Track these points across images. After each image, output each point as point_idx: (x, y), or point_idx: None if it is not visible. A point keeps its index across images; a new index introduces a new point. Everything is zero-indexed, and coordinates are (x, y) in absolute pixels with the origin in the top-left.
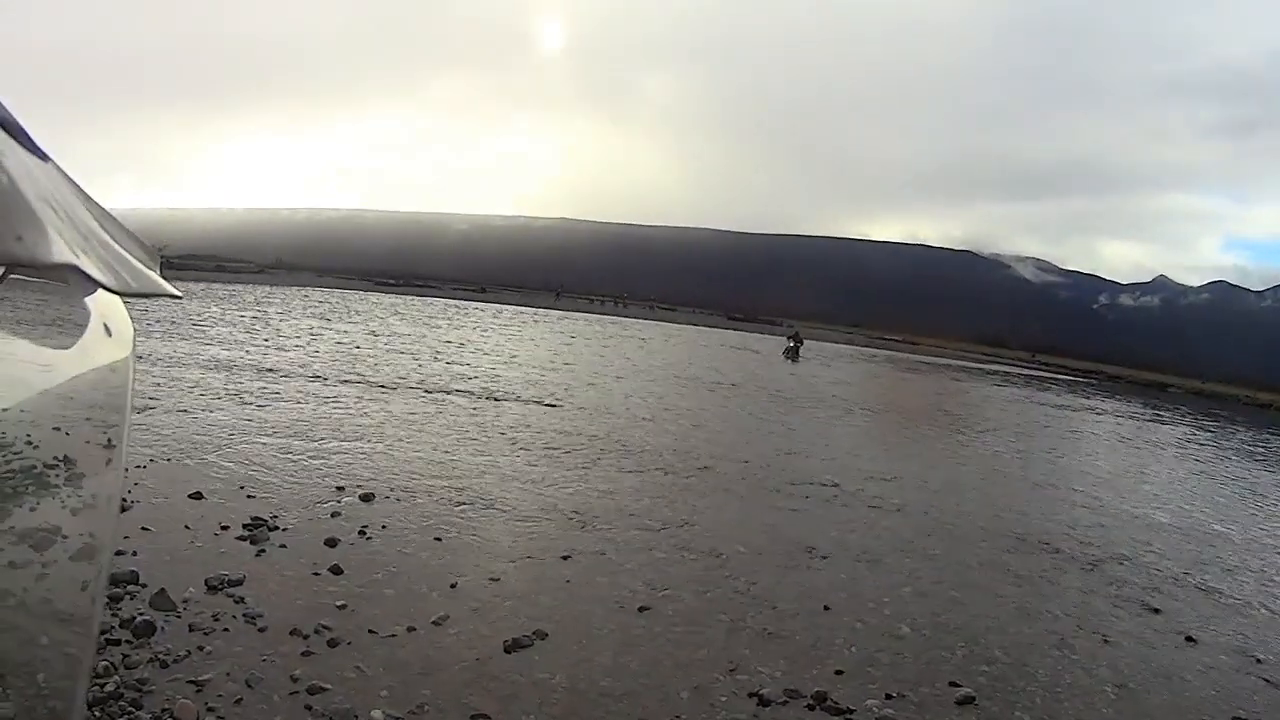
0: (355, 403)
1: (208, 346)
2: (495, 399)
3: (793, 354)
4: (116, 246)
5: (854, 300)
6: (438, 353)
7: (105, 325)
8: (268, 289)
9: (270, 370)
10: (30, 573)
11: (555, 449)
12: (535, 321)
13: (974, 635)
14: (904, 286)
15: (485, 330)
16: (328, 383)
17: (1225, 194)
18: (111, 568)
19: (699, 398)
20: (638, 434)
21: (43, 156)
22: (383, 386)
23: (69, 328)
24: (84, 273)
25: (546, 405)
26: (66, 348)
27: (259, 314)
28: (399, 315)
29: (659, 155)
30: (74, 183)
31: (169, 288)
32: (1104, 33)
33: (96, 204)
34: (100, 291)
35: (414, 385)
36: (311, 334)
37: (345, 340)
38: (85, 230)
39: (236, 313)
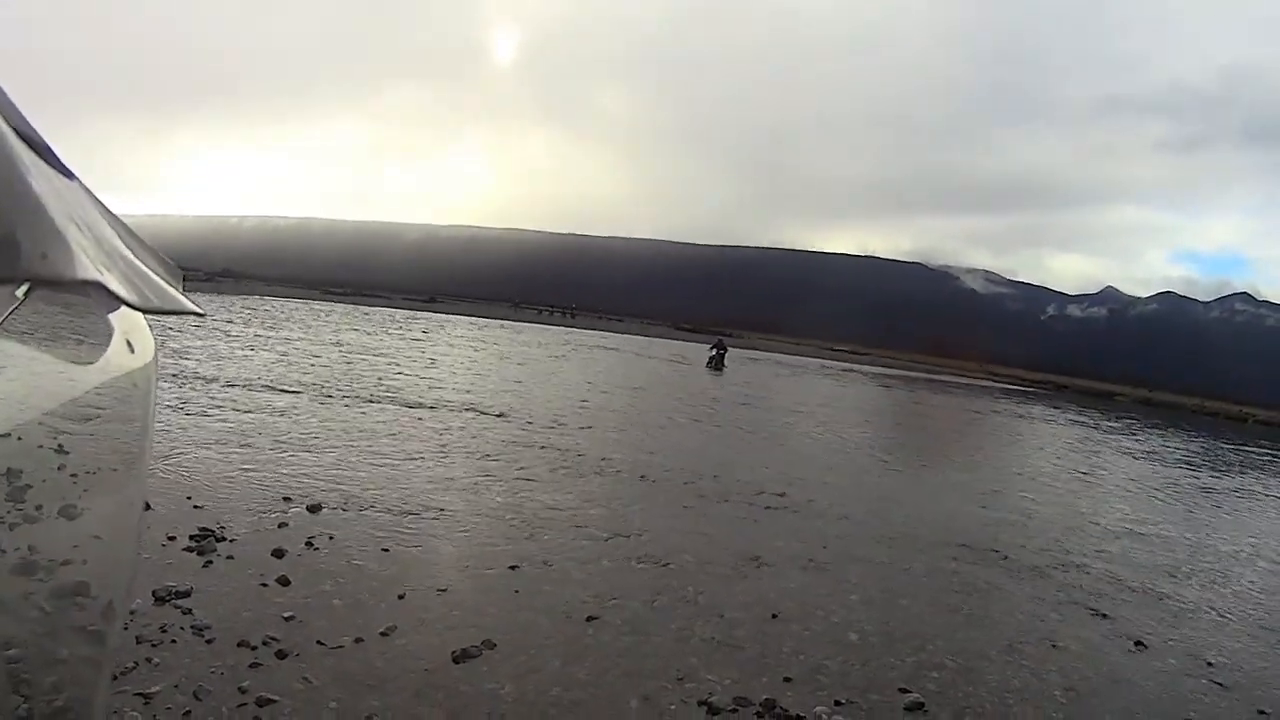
0: (300, 413)
1: (174, 359)
2: (440, 409)
3: (717, 364)
4: (139, 264)
5: (802, 311)
6: (382, 363)
7: (128, 341)
8: (214, 298)
9: (214, 379)
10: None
11: (502, 459)
12: (482, 332)
13: (922, 642)
14: (853, 298)
15: (433, 341)
16: (272, 392)
17: (1174, 207)
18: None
19: (642, 409)
20: (582, 444)
21: (68, 174)
22: (327, 397)
23: (92, 344)
24: (108, 289)
25: (492, 416)
26: (89, 364)
27: (203, 323)
28: (347, 325)
29: (611, 167)
30: (98, 200)
31: (192, 305)
32: (1054, 52)
33: (120, 221)
34: (123, 308)
35: (358, 395)
36: (255, 343)
37: (289, 349)
38: (109, 247)
39: (179, 322)
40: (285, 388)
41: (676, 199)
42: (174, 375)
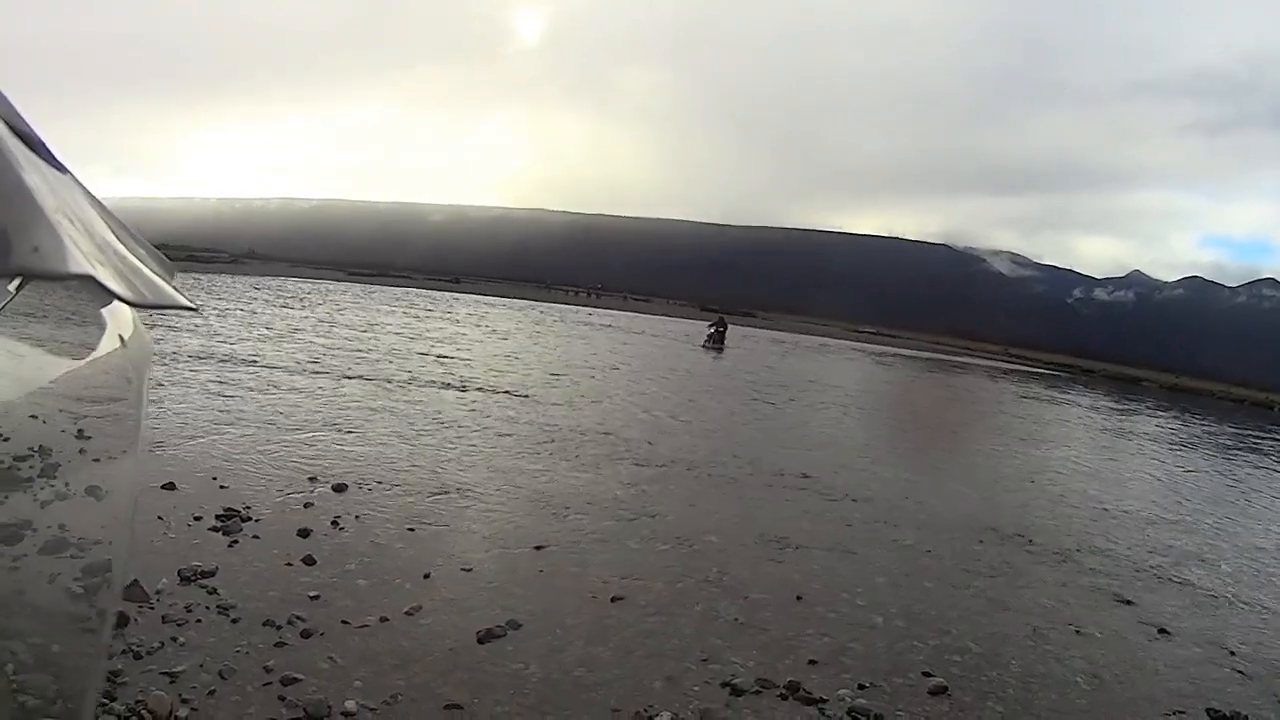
0: (325, 393)
1: (174, 336)
2: (463, 389)
3: (715, 342)
4: (132, 258)
5: (828, 292)
6: (408, 344)
7: (120, 336)
8: (240, 279)
9: (240, 360)
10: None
11: (526, 439)
12: (507, 311)
13: (947, 625)
14: (879, 279)
15: (456, 322)
16: (296, 373)
17: (1201, 191)
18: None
19: (654, 390)
20: (606, 424)
21: (61, 168)
22: (351, 377)
23: (84, 339)
24: (101, 284)
25: (516, 396)
26: (81, 359)
27: (229, 304)
28: (369, 306)
29: (637, 147)
30: (91, 194)
31: (184, 300)
32: (1078, 35)
33: (113, 215)
34: (116, 303)
35: (382, 376)
36: (281, 324)
37: (314, 331)
38: (101, 242)
39: (205, 303)
40: (305, 368)
41: (702, 180)
42: (193, 355)
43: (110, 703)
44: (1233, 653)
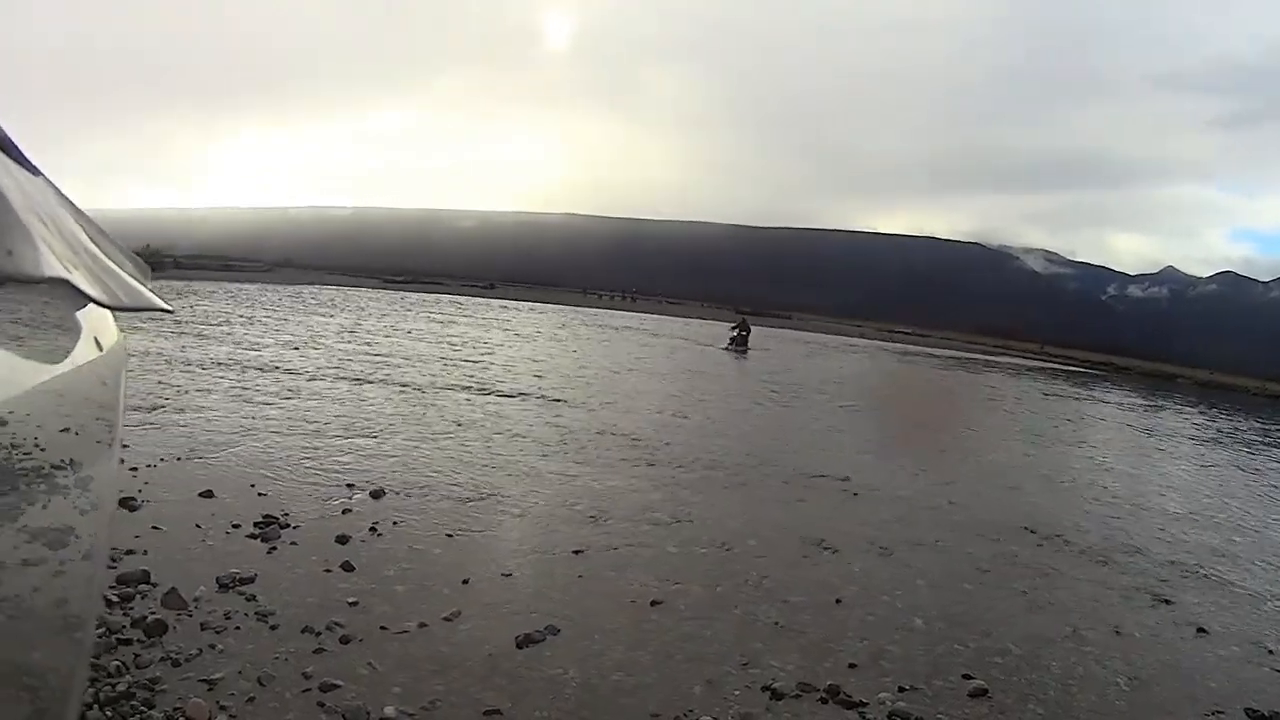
0: (362, 400)
1: (214, 345)
2: (499, 395)
3: (739, 345)
4: (107, 260)
5: (862, 293)
6: (444, 351)
7: (96, 340)
8: (276, 288)
9: (277, 368)
10: (48, 569)
11: (558, 444)
12: (537, 318)
13: (986, 627)
14: (912, 279)
15: (490, 328)
16: (334, 381)
17: (1231, 186)
18: (121, 567)
19: (680, 393)
20: (643, 429)
21: (33, 170)
22: (387, 384)
23: (60, 342)
24: (75, 287)
25: (551, 401)
26: (57, 362)
27: (265, 313)
28: (403, 312)
29: (665, 150)
30: (64, 196)
31: (160, 302)
32: (1103, 28)
33: (87, 217)
34: (91, 306)
35: (418, 382)
36: (315, 331)
37: (352, 338)
38: (75, 244)
39: (242, 311)
40: (338, 374)
41: (732, 182)
42: (221, 363)
43: (149, 710)
44: (1271, 651)
